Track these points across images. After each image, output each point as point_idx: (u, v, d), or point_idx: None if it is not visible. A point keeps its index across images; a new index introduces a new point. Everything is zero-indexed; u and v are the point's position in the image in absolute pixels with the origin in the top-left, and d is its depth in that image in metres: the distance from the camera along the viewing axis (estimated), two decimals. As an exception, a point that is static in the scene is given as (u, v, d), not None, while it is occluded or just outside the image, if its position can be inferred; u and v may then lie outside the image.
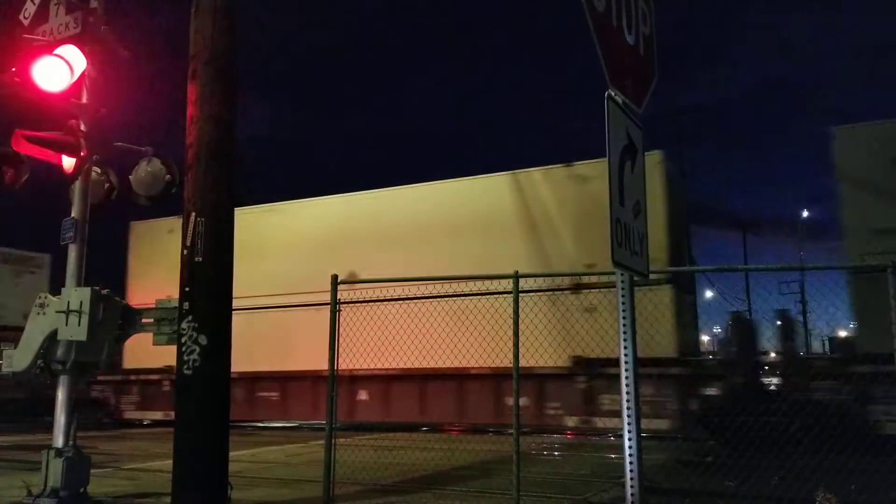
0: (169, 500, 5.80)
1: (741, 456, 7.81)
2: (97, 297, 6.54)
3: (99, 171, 7.17)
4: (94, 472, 6.81)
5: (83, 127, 6.80)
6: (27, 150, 6.68)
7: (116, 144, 7.15)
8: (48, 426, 6.74)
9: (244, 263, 16.74)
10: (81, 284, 6.70)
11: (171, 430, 5.95)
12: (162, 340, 6.74)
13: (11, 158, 6.82)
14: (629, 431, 3.52)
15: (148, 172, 7.08)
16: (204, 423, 5.79)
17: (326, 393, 7.19)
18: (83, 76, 6.79)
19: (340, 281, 7.49)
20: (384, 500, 7.44)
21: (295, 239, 16.78)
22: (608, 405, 12.76)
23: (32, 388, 19.74)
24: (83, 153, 6.74)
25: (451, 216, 15.29)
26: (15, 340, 6.80)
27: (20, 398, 19.57)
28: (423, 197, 15.98)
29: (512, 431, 6.61)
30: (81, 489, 6.49)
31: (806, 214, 43.35)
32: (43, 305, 6.60)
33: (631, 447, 3.50)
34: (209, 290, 5.91)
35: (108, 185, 7.25)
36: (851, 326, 12.27)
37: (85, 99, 6.88)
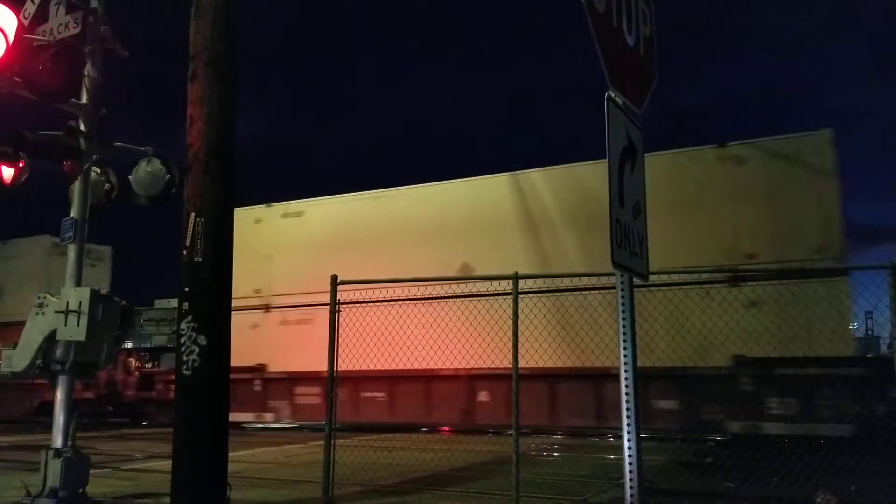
0: (168, 500, 5.79)
1: (740, 457, 7.81)
2: (96, 297, 6.54)
3: (98, 171, 7.16)
4: (92, 472, 6.80)
5: (83, 127, 6.80)
6: (27, 149, 6.67)
7: (116, 144, 7.15)
8: (47, 427, 6.74)
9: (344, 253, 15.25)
10: (80, 284, 6.70)
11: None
12: (161, 341, 6.74)
13: (11, 158, 6.82)
14: (628, 432, 3.51)
15: (147, 172, 7.07)
16: (203, 423, 5.78)
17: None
18: (83, 76, 6.79)
19: (340, 281, 7.49)
20: (383, 500, 7.44)
21: (407, 226, 15.74)
22: (776, 409, 11.37)
23: (100, 389, 19.32)
24: (82, 153, 6.75)
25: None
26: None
27: (90, 398, 18.88)
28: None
29: (511, 432, 6.62)
30: (80, 489, 6.48)
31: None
32: (42, 305, 6.59)
33: (630, 448, 3.49)
34: (209, 290, 5.90)
35: (107, 185, 7.25)
36: None
37: (85, 99, 6.88)
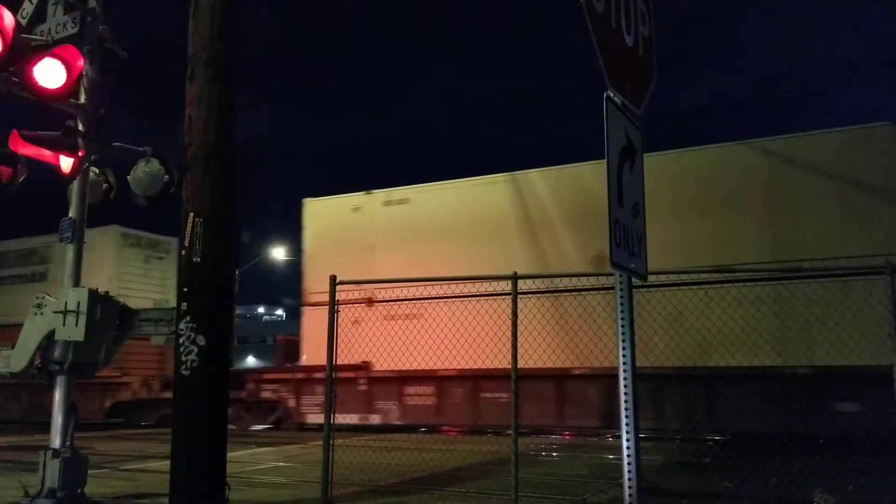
0: (167, 500, 5.79)
1: (739, 457, 7.82)
2: (95, 297, 6.53)
3: (97, 171, 7.15)
4: (91, 472, 6.79)
5: (81, 127, 6.79)
6: (25, 149, 6.66)
7: (114, 144, 7.14)
8: (46, 427, 6.73)
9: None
10: (78, 284, 6.69)
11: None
12: (160, 341, 6.73)
13: (9, 158, 6.81)
14: (627, 432, 3.52)
15: (146, 173, 7.06)
16: (202, 423, 5.77)
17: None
18: (81, 76, 6.77)
19: (339, 281, 7.48)
20: (382, 500, 7.44)
21: (526, 213, 14.90)
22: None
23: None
24: (81, 153, 6.73)
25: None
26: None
27: (168, 399, 18.42)
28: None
29: (510, 432, 6.62)
30: (79, 490, 6.47)
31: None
32: (40, 305, 6.58)
33: (629, 448, 3.50)
34: (207, 290, 5.90)
35: (106, 185, 7.23)
36: None
37: (83, 99, 6.87)
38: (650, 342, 8.96)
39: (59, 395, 6.58)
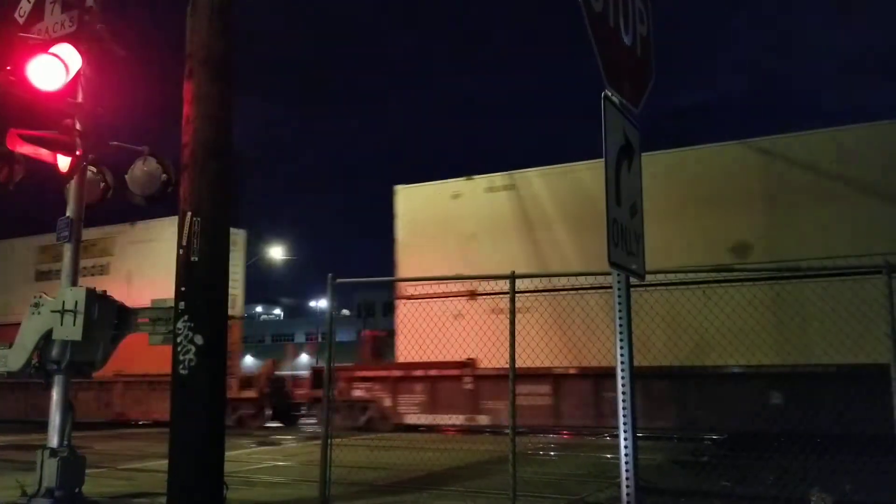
0: (164, 500, 5.78)
1: (736, 456, 7.82)
2: (92, 296, 6.52)
3: (94, 170, 7.14)
4: (89, 471, 6.78)
5: (79, 126, 6.78)
6: (22, 148, 6.65)
7: (112, 143, 7.13)
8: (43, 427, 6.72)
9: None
10: (76, 283, 6.68)
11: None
12: (157, 340, 6.72)
13: (6, 157, 6.80)
14: (625, 432, 3.52)
15: (144, 172, 7.06)
16: (200, 422, 5.77)
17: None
18: (78, 75, 6.76)
19: (338, 281, 7.46)
20: (380, 499, 7.44)
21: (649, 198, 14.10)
22: None
23: (263, 385, 17.78)
24: (78, 152, 6.73)
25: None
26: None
27: (250, 398, 17.47)
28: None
29: (508, 431, 6.62)
30: (76, 489, 6.46)
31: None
32: (38, 305, 6.57)
33: (627, 447, 3.50)
34: (205, 289, 5.89)
35: (103, 184, 7.22)
36: None
37: (80, 98, 6.86)
38: (647, 341, 8.91)
39: (56, 394, 6.57)
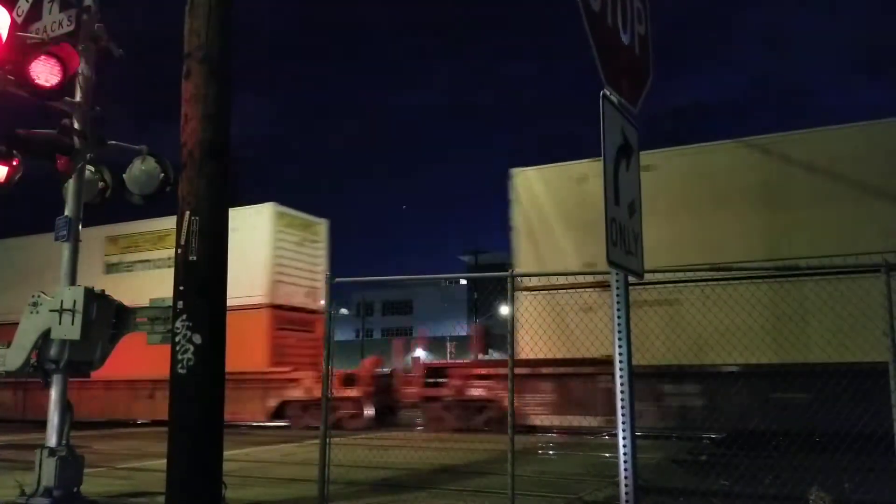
0: (163, 499, 5.77)
1: (735, 455, 7.82)
2: (91, 296, 6.52)
3: (93, 169, 7.14)
4: (87, 471, 6.78)
5: (77, 125, 6.78)
6: (20, 148, 6.65)
7: (110, 143, 7.13)
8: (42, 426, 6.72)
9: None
10: (74, 282, 6.68)
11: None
12: (156, 340, 6.72)
13: (5, 157, 6.79)
14: (623, 430, 3.52)
15: (142, 171, 7.06)
16: (198, 422, 5.76)
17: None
18: (77, 74, 6.76)
19: (336, 280, 7.46)
20: (379, 499, 7.44)
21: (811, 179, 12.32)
22: None
23: (367, 383, 16.73)
24: (77, 151, 6.72)
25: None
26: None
27: (351, 397, 16.45)
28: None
29: (508, 430, 6.62)
30: (75, 489, 6.46)
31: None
32: (36, 304, 6.57)
33: (625, 446, 3.50)
34: (203, 289, 5.89)
35: (102, 183, 7.22)
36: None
37: (78, 97, 6.86)
38: (646, 340, 8.85)
39: (54, 393, 6.57)
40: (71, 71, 6.59)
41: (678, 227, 12.67)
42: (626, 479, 3.48)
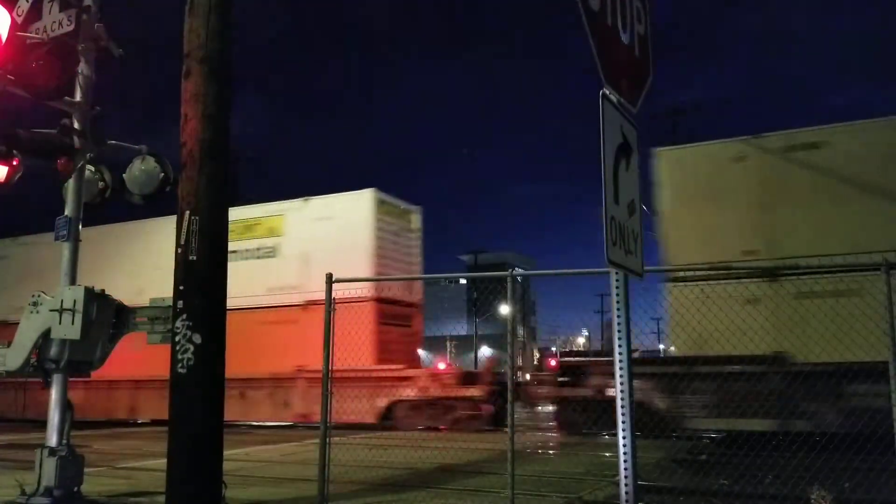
0: (163, 499, 5.78)
1: (735, 454, 7.82)
2: (91, 295, 6.52)
3: (93, 169, 7.15)
4: (88, 471, 6.79)
5: (77, 125, 6.78)
6: (21, 148, 6.65)
7: (110, 142, 7.13)
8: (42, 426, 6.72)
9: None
10: (74, 282, 6.68)
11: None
12: (156, 339, 6.72)
13: (5, 157, 6.79)
14: (623, 430, 3.52)
15: (142, 171, 7.06)
16: (198, 421, 5.77)
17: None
18: (77, 74, 6.76)
19: (336, 280, 7.45)
20: (379, 498, 7.44)
21: None
22: None
23: (487, 380, 15.93)
24: (77, 151, 6.73)
25: None
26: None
27: (469, 397, 15.33)
28: None
29: (507, 430, 6.62)
30: (75, 488, 6.47)
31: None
32: (36, 304, 6.58)
33: (625, 445, 3.50)
34: (203, 288, 5.89)
35: (101, 183, 7.23)
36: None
37: (78, 97, 6.86)
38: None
39: (54, 393, 6.58)
40: (71, 71, 6.60)
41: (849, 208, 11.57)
42: (626, 478, 3.47)
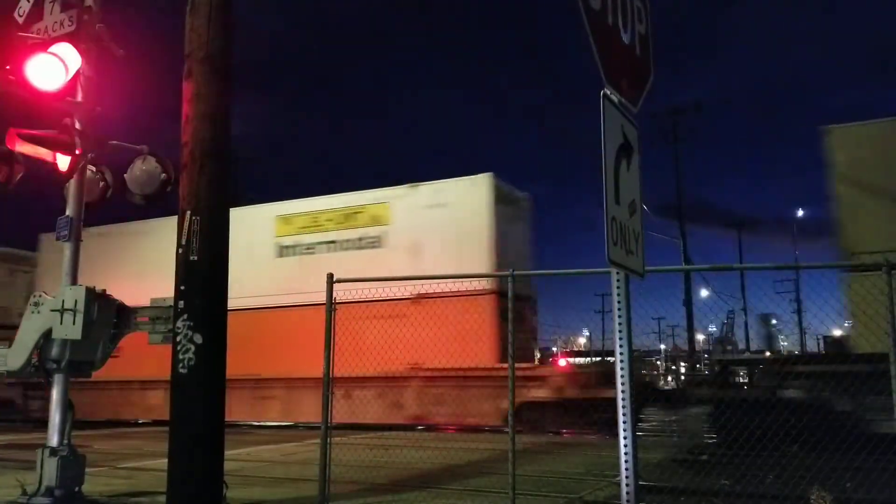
0: (164, 499, 5.79)
1: (736, 454, 7.82)
2: (92, 295, 6.53)
3: (94, 169, 7.15)
4: (89, 470, 6.79)
5: (78, 125, 6.78)
6: (22, 148, 6.66)
7: (111, 143, 7.14)
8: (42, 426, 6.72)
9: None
10: (76, 282, 6.68)
11: None
12: (157, 339, 6.73)
13: (6, 157, 6.80)
14: (624, 429, 3.52)
15: (143, 171, 7.06)
16: (199, 421, 5.77)
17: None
18: (78, 74, 6.77)
19: (336, 280, 7.45)
20: (379, 498, 7.44)
21: None
22: None
23: (565, 380, 14.43)
24: (78, 151, 6.73)
25: None
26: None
27: (543, 400, 14.01)
28: None
29: (508, 430, 6.63)
30: (76, 488, 6.47)
31: (801, 213, 43.85)
32: (38, 304, 6.58)
33: (626, 445, 3.50)
34: (204, 288, 5.89)
35: (102, 183, 7.24)
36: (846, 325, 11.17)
37: (80, 97, 6.86)
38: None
39: (56, 393, 6.58)
40: (72, 71, 6.60)
41: None
42: (626, 478, 3.47)
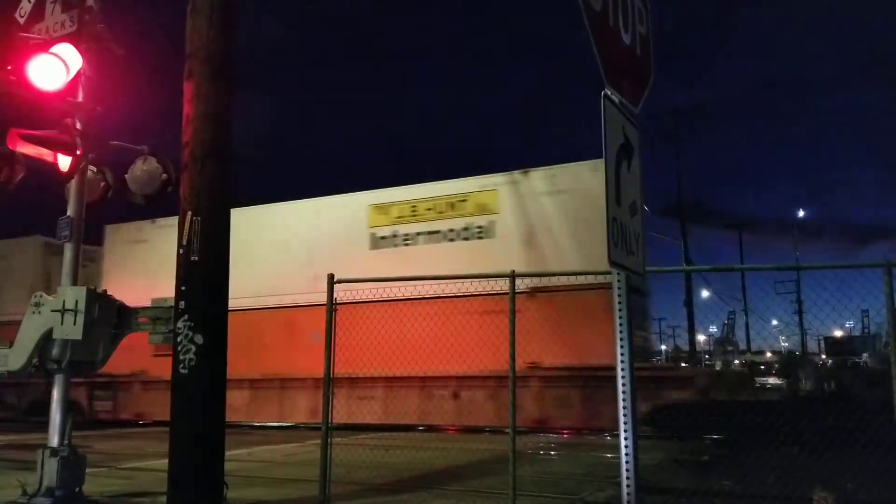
0: (164, 499, 5.79)
1: (737, 455, 7.81)
2: (93, 296, 6.53)
3: (95, 169, 7.15)
4: (89, 471, 6.79)
5: (79, 125, 6.79)
6: (23, 148, 6.66)
7: (112, 143, 7.14)
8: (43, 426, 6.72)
9: None
10: (76, 282, 6.69)
11: None
12: (157, 340, 6.72)
13: (7, 157, 6.81)
14: (625, 430, 3.52)
15: (144, 171, 7.07)
16: (200, 422, 5.78)
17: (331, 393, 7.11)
18: (79, 74, 6.77)
19: (337, 280, 7.45)
20: (380, 499, 7.44)
21: None
22: None
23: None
24: (78, 152, 6.74)
25: None
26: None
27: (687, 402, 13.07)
28: None
29: (508, 430, 6.62)
30: (77, 488, 6.47)
31: (801, 214, 44.01)
32: (38, 304, 6.58)
33: (627, 446, 3.50)
34: (205, 289, 5.90)
35: (103, 183, 7.24)
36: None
37: (81, 97, 6.87)
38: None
39: (56, 393, 6.58)
40: (73, 71, 6.60)
41: None
42: (627, 479, 3.48)
